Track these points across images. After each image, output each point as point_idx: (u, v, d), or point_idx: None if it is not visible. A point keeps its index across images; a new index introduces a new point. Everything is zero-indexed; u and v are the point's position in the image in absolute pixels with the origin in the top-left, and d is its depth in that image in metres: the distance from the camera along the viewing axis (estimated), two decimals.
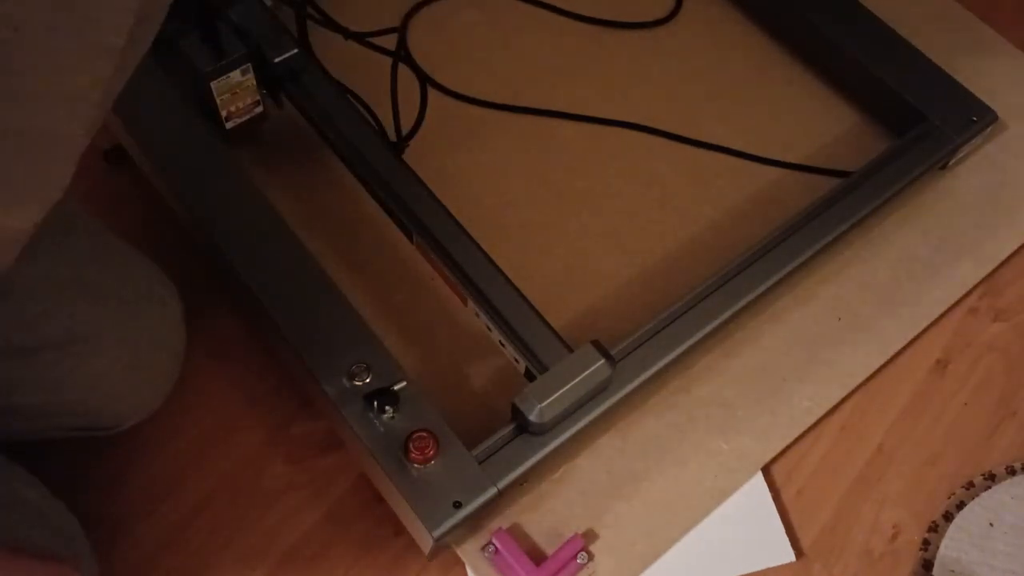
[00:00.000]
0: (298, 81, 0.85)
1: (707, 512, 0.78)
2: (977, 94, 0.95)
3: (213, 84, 0.80)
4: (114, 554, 0.75)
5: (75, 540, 0.67)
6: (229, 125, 0.85)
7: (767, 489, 0.80)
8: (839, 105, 1.01)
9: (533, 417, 0.71)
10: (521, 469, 0.72)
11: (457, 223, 0.80)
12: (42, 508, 0.66)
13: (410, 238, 0.82)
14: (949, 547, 0.79)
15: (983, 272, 0.92)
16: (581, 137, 0.97)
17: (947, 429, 0.85)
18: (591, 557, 0.75)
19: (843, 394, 0.85)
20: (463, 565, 0.75)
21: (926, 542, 0.80)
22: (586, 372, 0.72)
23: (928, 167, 0.91)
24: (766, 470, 0.81)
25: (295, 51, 0.84)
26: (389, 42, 0.91)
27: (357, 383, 0.72)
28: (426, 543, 0.71)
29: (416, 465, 0.69)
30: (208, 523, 0.77)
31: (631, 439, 0.81)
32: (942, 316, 0.90)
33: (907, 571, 0.79)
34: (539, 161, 0.95)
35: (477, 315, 0.79)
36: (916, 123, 0.92)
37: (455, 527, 0.69)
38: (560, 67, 1.02)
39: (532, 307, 0.76)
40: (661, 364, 0.78)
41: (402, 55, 0.98)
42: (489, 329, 0.78)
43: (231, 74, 0.81)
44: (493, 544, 0.74)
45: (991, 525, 0.80)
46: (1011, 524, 0.80)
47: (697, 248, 0.91)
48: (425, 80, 0.96)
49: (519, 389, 0.73)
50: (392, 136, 0.87)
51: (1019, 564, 0.79)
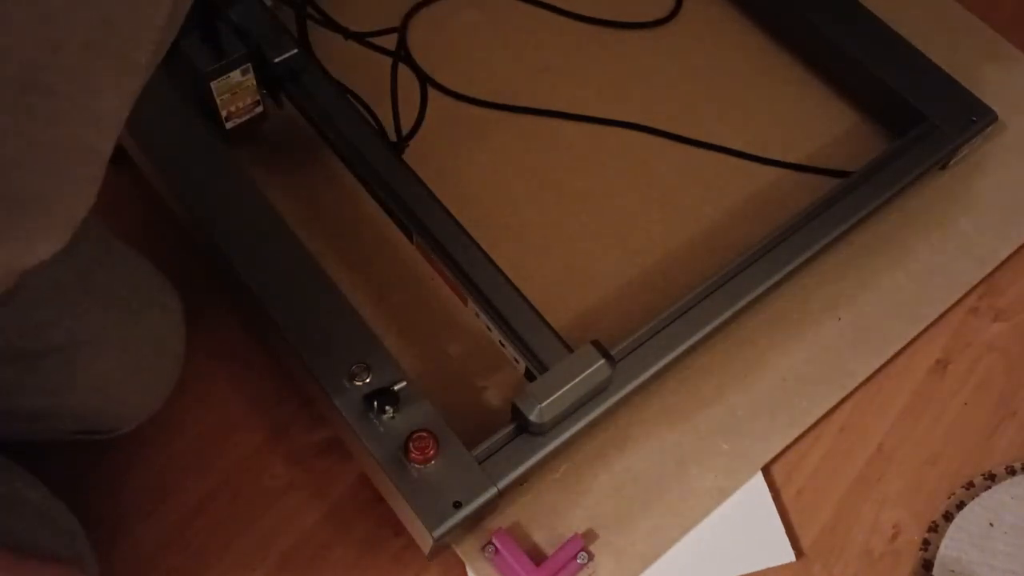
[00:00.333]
0: (298, 81, 0.85)
1: (707, 512, 0.78)
2: (977, 94, 0.94)
3: (213, 84, 0.80)
4: (114, 554, 0.75)
5: (77, 540, 0.67)
6: (229, 125, 0.85)
7: (767, 489, 0.80)
8: (839, 105, 1.01)
9: (533, 417, 0.71)
10: (521, 469, 0.72)
11: (457, 223, 0.80)
12: (44, 509, 0.66)
13: (410, 238, 0.82)
14: (949, 547, 0.79)
15: (983, 272, 0.92)
16: (581, 137, 0.97)
17: (947, 429, 0.85)
18: (591, 557, 0.75)
19: (843, 394, 0.85)
20: (463, 565, 0.75)
21: (926, 542, 0.80)
22: (586, 372, 0.72)
23: (928, 167, 0.91)
24: (766, 470, 0.81)
25: (295, 51, 0.84)
26: (389, 42, 0.91)
27: (357, 383, 0.72)
28: (426, 543, 0.71)
29: (416, 465, 0.69)
30: (208, 523, 0.77)
31: (631, 439, 0.81)
32: (942, 316, 0.90)
33: (907, 571, 0.79)
34: (539, 161, 0.95)
35: (477, 315, 0.79)
36: (916, 123, 0.92)
37: (455, 527, 0.69)
38: (560, 67, 1.02)
39: (532, 307, 0.76)
40: (661, 364, 0.78)
41: (402, 55, 0.98)
42: (489, 329, 0.78)
43: (231, 74, 0.81)
44: (493, 544, 0.74)
45: (991, 525, 0.80)
46: (1011, 524, 0.80)
47: (697, 248, 0.91)
48: (425, 80, 0.96)
49: (519, 389, 0.73)
50: (392, 136, 0.87)
51: (1019, 564, 0.79)
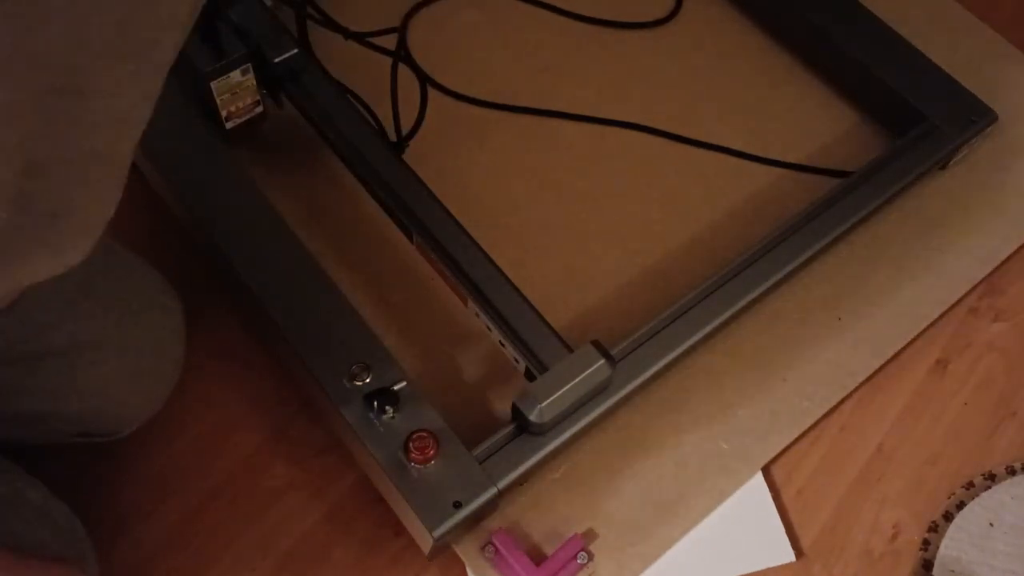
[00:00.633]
0: (298, 81, 0.85)
1: (707, 512, 0.78)
2: (977, 94, 0.94)
3: (213, 84, 0.80)
4: (114, 554, 0.75)
5: (78, 540, 0.67)
6: (229, 125, 0.85)
7: (767, 489, 0.80)
8: (839, 105, 1.01)
9: (533, 417, 0.71)
10: (521, 469, 0.72)
11: (457, 223, 0.80)
12: (44, 509, 0.66)
13: (410, 238, 0.82)
14: (949, 547, 0.79)
15: (983, 272, 0.92)
16: (581, 137, 0.97)
17: (947, 429, 0.85)
18: (591, 557, 0.75)
19: (843, 394, 0.85)
20: (463, 565, 0.75)
21: (926, 542, 0.80)
22: (586, 372, 0.72)
23: (928, 167, 0.91)
24: (766, 470, 0.81)
25: (295, 51, 0.84)
26: (389, 42, 0.91)
27: (357, 383, 0.72)
28: (426, 543, 0.71)
29: (416, 465, 0.69)
30: (208, 523, 0.77)
31: (631, 439, 0.81)
32: (942, 316, 0.90)
33: (907, 571, 0.79)
34: (539, 161, 0.95)
35: (477, 315, 0.79)
36: (916, 123, 0.92)
37: (455, 527, 0.69)
38: (560, 67, 1.02)
39: (532, 307, 0.76)
40: (661, 364, 0.78)
41: (402, 55, 0.98)
42: (489, 329, 0.78)
43: (231, 74, 0.81)
44: (493, 544, 0.74)
45: (991, 525, 0.80)
46: (1011, 524, 0.80)
47: (697, 248, 0.91)
48: (425, 80, 0.96)
49: (519, 389, 0.73)
50: (392, 136, 0.87)
51: (1019, 564, 0.79)
